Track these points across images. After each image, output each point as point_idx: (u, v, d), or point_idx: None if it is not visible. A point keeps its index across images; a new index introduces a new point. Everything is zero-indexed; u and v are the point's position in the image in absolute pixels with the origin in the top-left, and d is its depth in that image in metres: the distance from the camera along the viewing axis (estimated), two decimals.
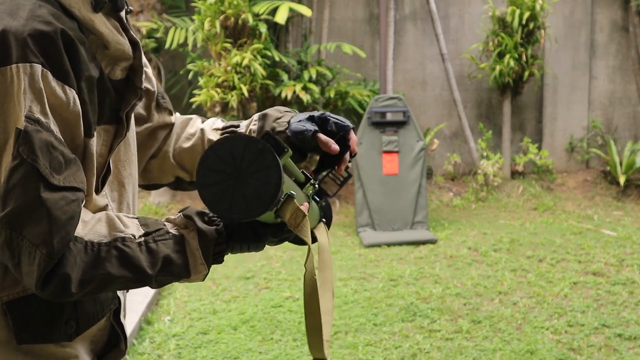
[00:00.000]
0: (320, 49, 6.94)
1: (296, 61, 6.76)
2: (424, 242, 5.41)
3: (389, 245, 5.37)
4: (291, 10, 6.30)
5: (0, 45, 0.88)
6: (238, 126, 1.35)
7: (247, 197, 0.81)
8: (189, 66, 6.47)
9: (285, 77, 6.39)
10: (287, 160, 0.88)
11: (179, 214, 1.06)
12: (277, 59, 6.41)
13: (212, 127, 1.35)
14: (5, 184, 0.89)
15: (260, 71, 6.06)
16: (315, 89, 6.34)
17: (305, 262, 1.01)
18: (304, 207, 1.06)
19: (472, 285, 4.41)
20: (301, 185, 1.13)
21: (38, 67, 0.90)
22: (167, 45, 6.28)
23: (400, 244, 5.40)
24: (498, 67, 6.65)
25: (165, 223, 1.04)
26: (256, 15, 6.18)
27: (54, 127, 0.92)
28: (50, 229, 0.89)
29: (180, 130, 1.34)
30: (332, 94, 6.51)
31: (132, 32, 1.10)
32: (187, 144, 1.32)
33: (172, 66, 6.82)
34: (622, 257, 4.92)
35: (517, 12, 6.55)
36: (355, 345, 3.55)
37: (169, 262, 1.00)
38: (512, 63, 6.59)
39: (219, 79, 6.11)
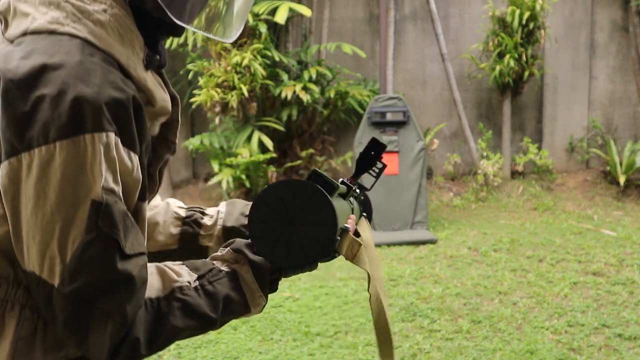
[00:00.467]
0: (320, 49, 6.94)
1: (296, 61, 6.76)
2: (424, 242, 5.41)
3: (389, 245, 5.37)
4: (291, 10, 6.30)
5: (74, 113, 0.85)
6: (203, 210, 1.31)
7: (304, 243, 0.78)
8: (189, 66, 6.47)
9: (285, 77, 6.39)
10: (335, 194, 0.85)
11: (227, 249, 1.03)
12: (277, 59, 6.41)
13: (176, 204, 1.31)
14: (77, 259, 0.86)
15: (260, 71, 6.06)
16: (315, 89, 6.34)
17: (368, 288, 0.99)
18: (351, 220, 1.04)
19: (472, 285, 4.41)
20: (344, 195, 1.11)
21: (112, 136, 0.87)
22: (166, 45, 6.29)
23: (400, 244, 5.40)
24: (498, 67, 6.65)
25: (214, 262, 1.02)
26: (256, 15, 6.17)
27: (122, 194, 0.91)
28: (125, 297, 0.87)
29: None
30: (332, 94, 6.51)
31: (171, 87, 1.08)
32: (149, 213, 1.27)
33: (172, 66, 6.82)
34: (622, 257, 4.92)
35: (517, 12, 6.55)
36: (355, 345, 3.55)
37: (229, 301, 0.99)
38: (512, 63, 6.59)
39: (219, 79, 6.12)
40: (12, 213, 0.89)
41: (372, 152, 1.20)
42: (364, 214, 1.30)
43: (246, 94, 6.05)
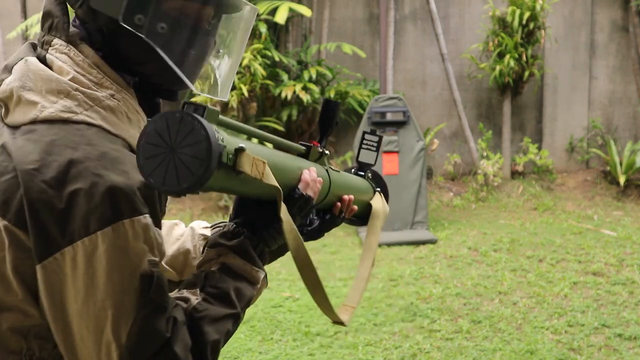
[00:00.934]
0: (320, 49, 6.95)
1: (296, 61, 6.76)
2: (424, 242, 5.41)
3: (389, 245, 5.37)
4: (291, 10, 6.30)
5: (110, 203, 0.88)
6: (226, 223, 1.34)
7: (187, 163, 0.81)
8: None
9: (285, 77, 6.39)
10: (217, 119, 0.88)
11: (206, 250, 1.06)
12: (277, 59, 6.41)
13: (200, 226, 1.34)
14: (135, 337, 0.90)
15: (260, 71, 6.06)
16: (315, 89, 6.34)
17: (278, 211, 0.99)
18: (311, 171, 1.08)
19: (472, 285, 4.41)
20: (305, 156, 1.14)
21: (148, 217, 0.92)
22: None
23: (400, 244, 5.39)
24: (498, 67, 6.66)
25: (203, 268, 1.04)
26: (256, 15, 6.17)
27: None
28: (179, 348, 0.92)
29: (167, 235, 1.32)
30: (332, 94, 6.51)
31: None
32: (174, 247, 1.30)
33: None
34: (622, 257, 4.92)
35: (517, 12, 6.55)
36: (355, 345, 3.55)
37: (237, 290, 1.02)
38: (512, 63, 6.59)
39: None
40: (59, 309, 0.91)
41: (330, 113, 1.20)
42: (377, 189, 1.33)
43: (246, 94, 6.05)
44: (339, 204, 1.22)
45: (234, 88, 6.11)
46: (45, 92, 0.95)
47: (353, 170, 1.36)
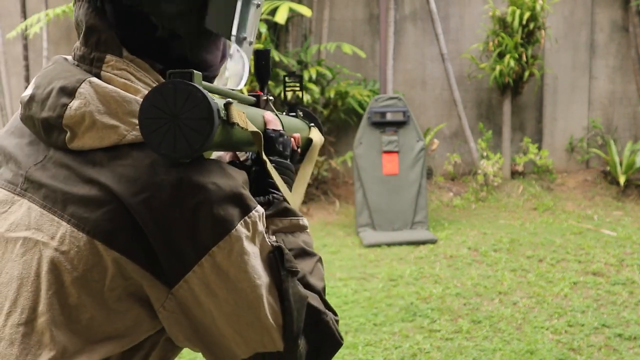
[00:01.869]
0: (320, 49, 6.95)
1: (296, 61, 6.76)
2: (424, 242, 5.41)
3: (389, 245, 5.37)
4: (291, 10, 6.30)
5: (230, 205, 0.92)
6: None
7: (193, 126, 0.85)
8: None
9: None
10: (201, 81, 0.91)
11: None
12: (277, 59, 6.41)
13: None
14: (288, 314, 0.96)
15: None
16: (315, 89, 6.34)
17: (260, 153, 1.04)
18: (272, 117, 1.15)
19: (472, 285, 4.41)
20: (257, 105, 1.22)
21: (258, 206, 0.97)
22: None
23: (400, 244, 5.39)
24: (498, 67, 6.66)
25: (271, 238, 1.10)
26: None
27: None
28: (323, 299, 1.05)
29: None
30: (332, 94, 6.51)
31: None
32: None
33: None
34: (622, 257, 4.92)
35: (517, 12, 6.55)
36: (355, 345, 3.55)
37: (304, 242, 1.09)
38: (512, 63, 6.59)
39: None
40: (207, 318, 0.93)
41: (263, 62, 1.28)
42: (311, 124, 1.43)
43: (246, 94, 6.04)
44: (292, 141, 1.27)
45: None
46: (122, 114, 0.93)
47: (284, 112, 1.43)
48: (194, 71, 0.88)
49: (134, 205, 0.89)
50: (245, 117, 0.96)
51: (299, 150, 1.29)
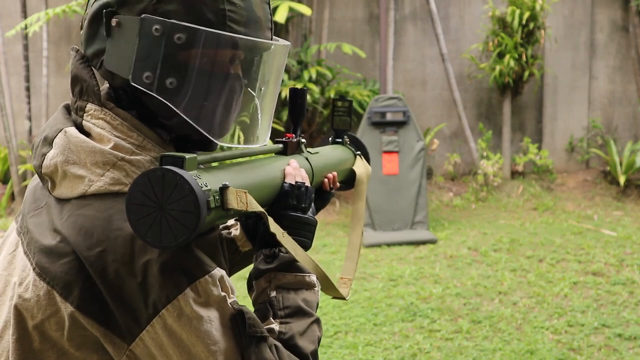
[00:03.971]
0: (320, 49, 6.94)
1: (296, 61, 6.76)
2: (424, 242, 5.41)
3: (389, 245, 5.37)
4: (291, 9, 6.30)
5: (182, 267, 0.90)
6: (227, 225, 1.37)
7: (179, 218, 0.83)
8: None
9: (285, 77, 6.39)
10: (196, 163, 0.89)
11: (254, 283, 1.07)
12: None
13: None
14: None
15: None
16: (315, 89, 6.34)
17: (268, 228, 1.00)
18: (292, 164, 1.09)
19: (472, 285, 4.41)
20: (284, 152, 1.16)
21: (217, 268, 0.94)
22: None
23: (400, 244, 5.39)
24: (498, 67, 6.66)
25: (263, 302, 1.05)
26: None
27: None
28: None
29: None
30: (332, 94, 6.51)
31: None
32: None
33: None
34: (622, 257, 4.92)
35: (517, 12, 6.55)
36: (355, 345, 3.55)
37: (305, 300, 1.05)
38: (512, 63, 6.59)
39: None
40: None
41: (299, 101, 1.21)
42: (358, 152, 1.37)
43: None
44: (326, 181, 1.24)
45: None
46: (90, 164, 0.93)
47: (330, 138, 1.39)
48: (186, 157, 0.87)
49: (88, 258, 0.89)
50: (247, 197, 0.92)
51: (335, 187, 1.25)
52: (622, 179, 6.66)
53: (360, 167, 1.36)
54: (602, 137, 7.29)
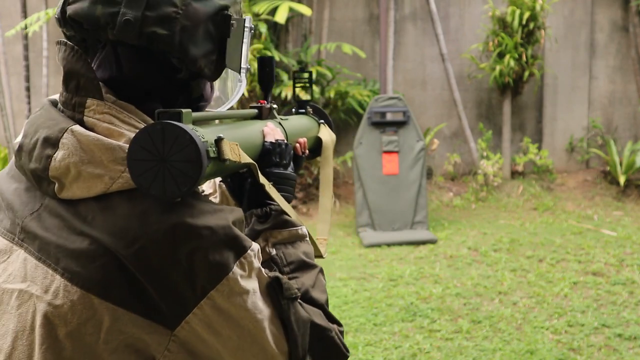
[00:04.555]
0: (320, 49, 6.95)
1: (296, 61, 6.76)
2: (424, 242, 5.41)
3: (389, 245, 5.37)
4: (291, 10, 6.30)
5: (224, 249, 0.92)
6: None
7: (181, 168, 0.86)
8: None
9: (285, 77, 6.39)
10: (191, 118, 0.92)
11: (254, 244, 1.10)
12: (277, 58, 6.40)
13: None
14: (292, 342, 0.98)
15: None
16: (315, 89, 6.34)
17: (257, 179, 1.06)
18: (270, 128, 1.16)
19: (472, 285, 4.41)
20: (259, 116, 1.22)
21: (253, 243, 0.97)
22: None
23: (400, 244, 5.39)
24: (498, 67, 6.66)
25: (264, 260, 1.09)
26: (256, 15, 6.17)
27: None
28: (324, 328, 1.05)
29: None
30: (332, 94, 6.51)
31: None
32: None
33: None
34: (622, 257, 4.92)
35: (517, 12, 6.55)
36: (355, 345, 3.55)
37: (304, 253, 1.10)
38: (512, 63, 6.59)
39: None
40: (212, 353, 0.94)
41: (267, 69, 1.28)
42: (321, 120, 1.43)
43: (246, 94, 6.04)
44: (297, 146, 1.28)
45: None
46: (107, 162, 0.91)
47: (294, 110, 1.43)
48: (183, 111, 0.88)
49: (127, 257, 0.88)
50: (239, 149, 0.97)
51: (306, 153, 1.30)
52: (622, 179, 6.66)
53: (325, 134, 1.41)
54: (602, 137, 7.29)
